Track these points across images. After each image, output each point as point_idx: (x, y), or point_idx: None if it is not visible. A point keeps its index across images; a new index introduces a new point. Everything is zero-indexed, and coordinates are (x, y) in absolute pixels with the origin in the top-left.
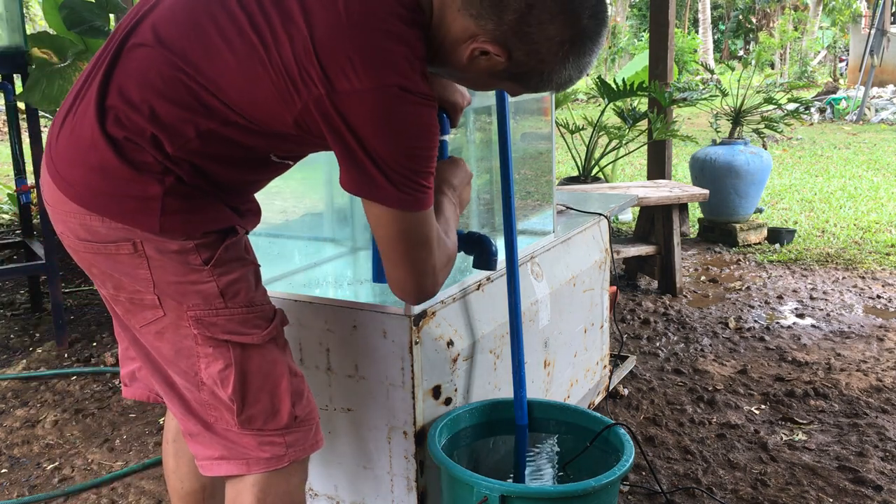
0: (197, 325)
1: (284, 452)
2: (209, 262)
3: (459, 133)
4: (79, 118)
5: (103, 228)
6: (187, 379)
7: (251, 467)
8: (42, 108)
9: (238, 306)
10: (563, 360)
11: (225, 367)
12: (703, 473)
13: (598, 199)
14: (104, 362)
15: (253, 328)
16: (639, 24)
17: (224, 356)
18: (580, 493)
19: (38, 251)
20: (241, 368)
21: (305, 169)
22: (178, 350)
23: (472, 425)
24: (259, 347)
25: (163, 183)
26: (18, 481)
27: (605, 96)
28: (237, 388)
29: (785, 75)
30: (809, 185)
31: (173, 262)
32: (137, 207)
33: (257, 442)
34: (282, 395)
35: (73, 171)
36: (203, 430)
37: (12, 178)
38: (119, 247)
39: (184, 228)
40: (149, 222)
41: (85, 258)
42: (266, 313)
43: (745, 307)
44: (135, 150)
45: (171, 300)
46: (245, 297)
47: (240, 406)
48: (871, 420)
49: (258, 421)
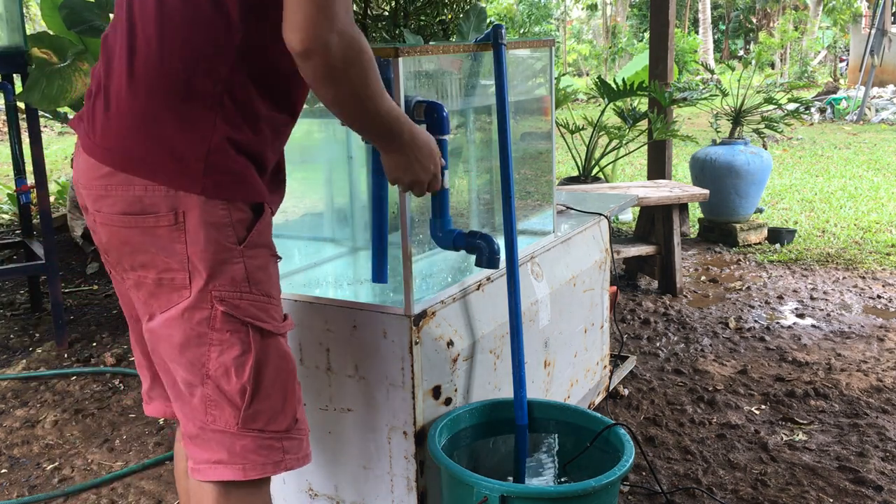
0: (221, 303)
1: (281, 458)
2: (242, 242)
3: (459, 133)
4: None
5: (147, 196)
6: (192, 373)
7: (247, 472)
8: (42, 108)
9: (260, 293)
10: (563, 360)
11: (242, 353)
12: (704, 473)
13: (598, 199)
14: (104, 362)
15: (270, 318)
16: (639, 24)
17: (242, 341)
18: (580, 494)
19: (37, 251)
20: (259, 356)
21: (305, 169)
22: (187, 339)
23: (472, 425)
24: (276, 338)
25: (213, 125)
26: (18, 481)
27: (605, 96)
28: (252, 375)
29: (785, 75)
30: (810, 185)
31: (210, 238)
32: (181, 169)
33: (256, 445)
34: (290, 392)
35: (118, 137)
36: (202, 431)
37: (12, 178)
38: (159, 218)
39: (225, 192)
40: (191, 183)
41: (120, 234)
42: (280, 310)
43: (746, 307)
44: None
45: (199, 279)
46: (266, 286)
47: (251, 397)
48: (872, 420)
49: (262, 419)
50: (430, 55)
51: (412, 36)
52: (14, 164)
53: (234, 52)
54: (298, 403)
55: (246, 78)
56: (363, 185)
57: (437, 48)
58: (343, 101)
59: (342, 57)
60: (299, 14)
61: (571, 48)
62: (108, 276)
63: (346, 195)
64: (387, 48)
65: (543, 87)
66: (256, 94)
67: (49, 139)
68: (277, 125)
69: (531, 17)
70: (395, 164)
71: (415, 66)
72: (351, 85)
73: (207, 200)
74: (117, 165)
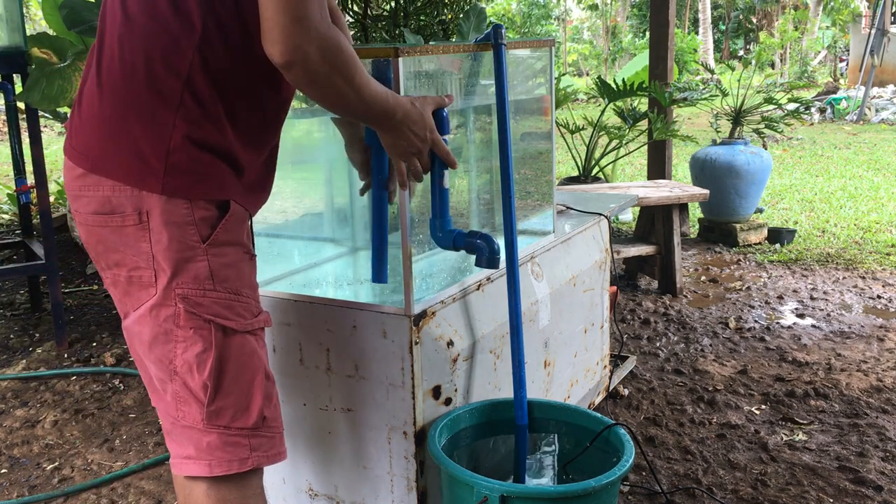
0: (183, 301)
1: (248, 455)
2: (206, 240)
3: (459, 133)
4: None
5: (115, 197)
6: (161, 369)
7: (213, 469)
8: (42, 108)
9: (226, 291)
10: (563, 360)
11: (204, 350)
12: (704, 473)
13: (598, 199)
14: (104, 362)
15: (237, 315)
16: (639, 23)
17: (204, 338)
18: (580, 494)
19: (37, 251)
20: (220, 353)
21: (305, 169)
22: (155, 336)
23: (472, 425)
24: (240, 335)
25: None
26: (18, 481)
27: (605, 96)
28: (213, 372)
29: (785, 75)
30: (810, 185)
31: (173, 236)
32: (144, 169)
33: (222, 441)
34: (255, 390)
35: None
36: (173, 426)
37: (12, 178)
38: (125, 218)
39: (186, 191)
40: (154, 183)
41: (95, 233)
42: (251, 307)
43: (746, 307)
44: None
45: (164, 276)
46: (234, 283)
47: (212, 393)
48: (872, 420)
49: (226, 416)
50: (430, 55)
51: (412, 36)
52: (14, 164)
53: (194, 51)
54: (267, 401)
55: (207, 77)
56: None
57: (437, 48)
58: (332, 99)
59: (323, 62)
60: (276, 29)
61: (572, 48)
62: None
63: (346, 195)
64: (387, 48)
65: (543, 87)
66: (219, 92)
67: (49, 139)
68: (250, 122)
69: (531, 17)
70: (394, 141)
71: (415, 66)
72: (336, 85)
73: (169, 199)
74: (88, 167)
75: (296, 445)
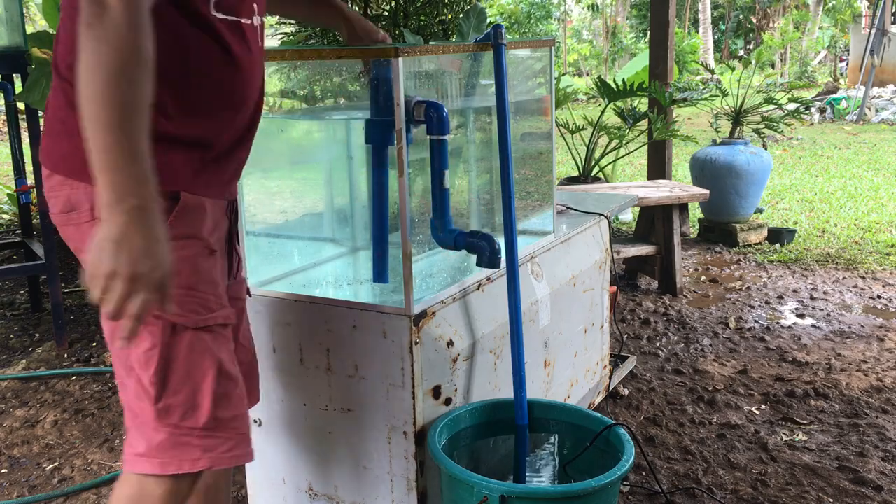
0: None
1: (199, 456)
2: None
3: (459, 133)
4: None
5: (73, 195)
6: (120, 365)
7: (165, 467)
8: (42, 108)
9: (176, 287)
10: (563, 360)
11: (151, 348)
12: (704, 473)
13: (598, 199)
14: (104, 362)
15: (188, 311)
16: (639, 23)
17: (152, 335)
18: (580, 494)
19: (37, 251)
20: (167, 352)
21: (305, 169)
22: (112, 332)
23: (472, 425)
24: (190, 333)
25: None
26: (18, 481)
27: (605, 96)
28: (159, 371)
29: (785, 75)
30: (810, 185)
31: None
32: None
33: (172, 441)
34: (204, 391)
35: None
36: (132, 422)
37: (12, 179)
38: (80, 214)
39: None
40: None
41: (63, 232)
42: (208, 303)
43: (746, 307)
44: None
45: None
46: (186, 279)
47: (159, 391)
48: (872, 420)
49: (175, 414)
50: (430, 55)
51: (412, 36)
52: (14, 164)
53: None
54: (223, 401)
55: None
56: (363, 185)
57: (437, 48)
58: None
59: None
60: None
61: (572, 48)
62: None
63: (346, 195)
64: (387, 48)
65: (543, 87)
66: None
67: None
68: (199, 92)
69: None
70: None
71: (415, 66)
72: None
73: None
74: (51, 166)
75: (296, 445)
